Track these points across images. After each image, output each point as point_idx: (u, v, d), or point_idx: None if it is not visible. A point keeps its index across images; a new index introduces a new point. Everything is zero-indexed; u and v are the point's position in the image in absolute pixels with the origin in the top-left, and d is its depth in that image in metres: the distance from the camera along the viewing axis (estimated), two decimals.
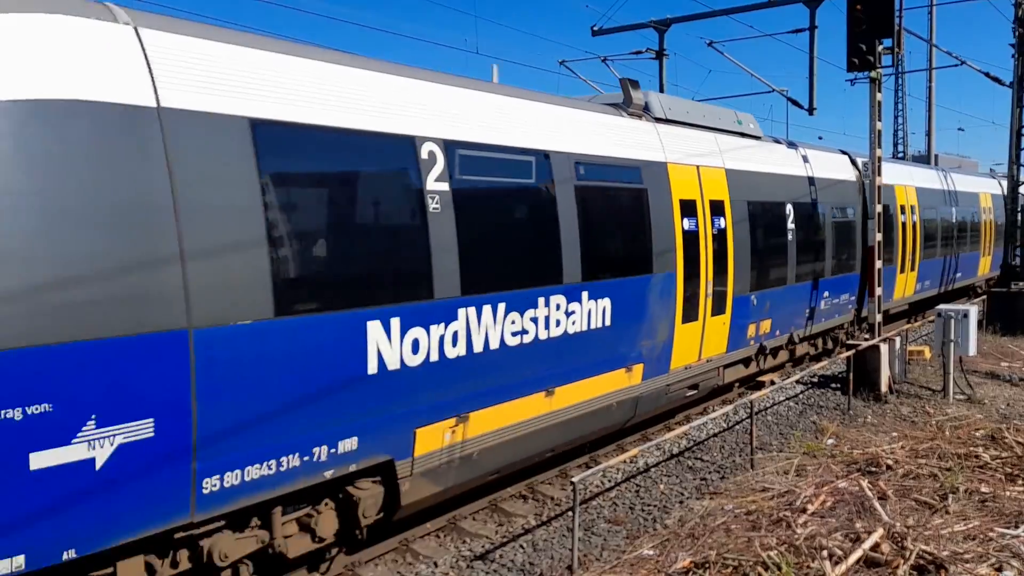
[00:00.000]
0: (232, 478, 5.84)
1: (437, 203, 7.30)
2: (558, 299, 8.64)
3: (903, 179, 19.54)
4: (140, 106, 5.38)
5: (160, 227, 5.37)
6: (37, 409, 4.80)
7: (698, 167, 11.40)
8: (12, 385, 4.69)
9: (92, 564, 5.35)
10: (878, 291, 14.35)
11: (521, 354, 8.19)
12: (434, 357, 7.21)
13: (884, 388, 13.30)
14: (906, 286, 19.63)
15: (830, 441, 10.71)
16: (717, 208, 11.64)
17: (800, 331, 14.52)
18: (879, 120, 14.08)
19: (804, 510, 7.66)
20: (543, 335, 8.46)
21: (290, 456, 6.16)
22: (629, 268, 9.87)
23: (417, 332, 7.05)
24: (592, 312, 9.15)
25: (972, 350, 13.53)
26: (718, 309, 11.61)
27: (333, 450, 6.46)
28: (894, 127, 48.78)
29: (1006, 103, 21.26)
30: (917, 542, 6.62)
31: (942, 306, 13.80)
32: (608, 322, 9.36)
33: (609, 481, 9.62)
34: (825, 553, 6.55)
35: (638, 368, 10.03)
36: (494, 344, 7.84)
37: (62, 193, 4.97)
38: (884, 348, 13.39)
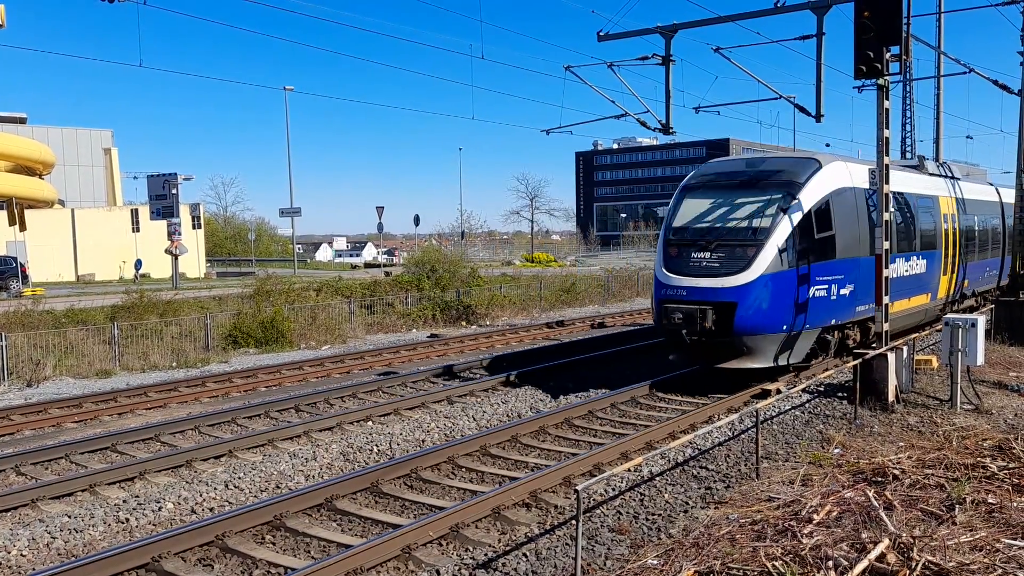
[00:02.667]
0: (859, 309, 15.54)
1: (898, 215, 17.21)
2: (915, 257, 18.36)
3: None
4: (852, 187, 15.52)
5: (858, 223, 15.39)
6: (841, 277, 14.98)
7: (943, 196, 20.79)
8: (842, 270, 14.96)
9: (827, 330, 15.20)
10: (885, 299, 14.28)
11: (906, 280, 17.82)
12: (894, 275, 15.86)
13: (891, 397, 13.22)
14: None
15: (836, 451, 10.64)
16: (952, 218, 21.11)
17: (976, 287, 23.75)
18: (887, 128, 14.03)
19: (810, 520, 7.61)
20: (910, 272, 18.10)
21: (861, 307, 15.57)
22: (929, 246, 19.21)
23: (894, 266, 16.07)
24: (920, 265, 18.71)
25: (980, 360, 13.46)
26: (950, 271, 20.88)
27: (870, 306, 15.13)
28: (902, 134, 48.77)
29: (1015, 111, 21.19)
30: (923, 552, 6.56)
31: (950, 315, 13.74)
32: (924, 271, 18.92)
33: (613, 489, 9.59)
34: (831, 563, 6.49)
35: (929, 295, 19.33)
36: (903, 273, 17.54)
37: (852, 214, 15.39)
38: (891, 357, 13.32)
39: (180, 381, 17.42)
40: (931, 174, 21.01)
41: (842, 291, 15.08)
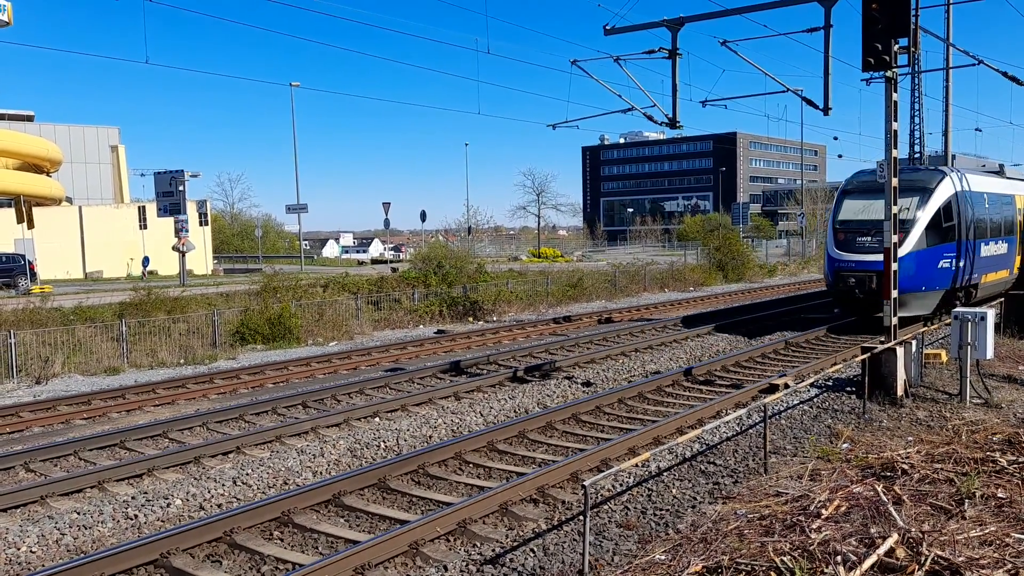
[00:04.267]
0: (967, 278, 21.86)
1: (984, 213, 22.98)
2: (1002, 242, 24.10)
3: None
4: (966, 191, 21.79)
5: (969, 217, 21.75)
6: (957, 254, 21.10)
7: (1018, 195, 26.27)
8: (957, 250, 21.17)
9: (947, 292, 21.26)
10: (894, 294, 14.21)
11: (995, 258, 23.54)
12: (985, 254, 22.78)
13: (900, 392, 13.17)
14: None
15: (845, 445, 10.61)
16: (1023, 211, 26.64)
17: None
18: (895, 120, 13.95)
19: (818, 515, 7.58)
20: (998, 252, 23.77)
21: (967, 277, 21.85)
22: (1010, 233, 24.92)
23: (983, 247, 22.57)
24: (1004, 247, 24.46)
25: (989, 353, 13.39)
26: (1021, 252, 26.33)
27: (971, 277, 22.12)
28: (910, 127, 48.42)
29: None
30: (932, 547, 6.53)
31: (959, 309, 13.67)
32: (1006, 252, 24.70)
33: (621, 485, 9.57)
34: (839, 559, 6.46)
35: (1008, 271, 25.09)
36: (993, 253, 23.38)
37: (965, 210, 21.61)
38: (900, 351, 13.26)
39: (188, 378, 17.47)
40: (1009, 178, 27.68)
41: (958, 264, 21.25)
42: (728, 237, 48.85)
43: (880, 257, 18.47)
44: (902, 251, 19.47)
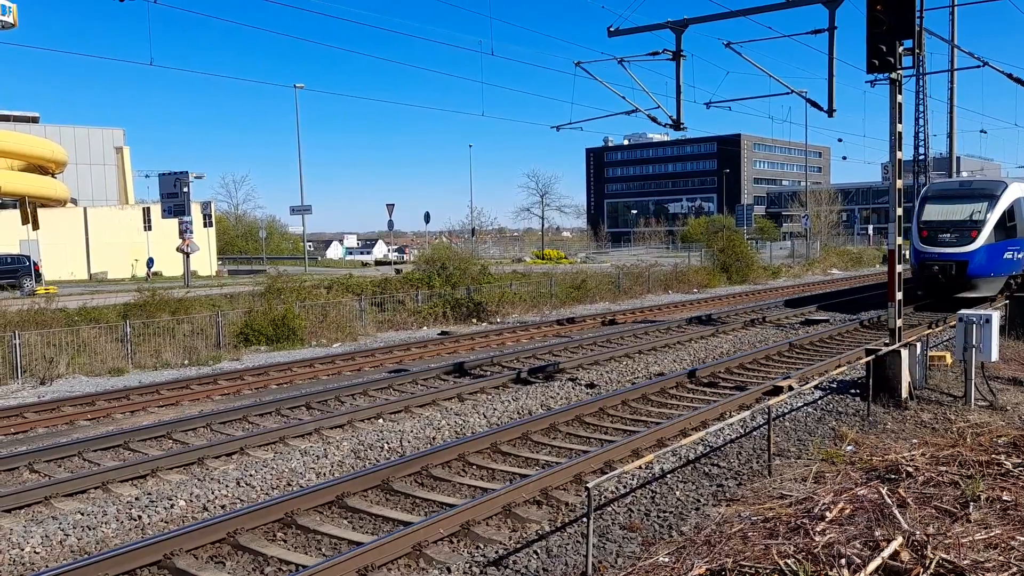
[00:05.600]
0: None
1: None
2: None
3: None
4: (1021, 197, 26.40)
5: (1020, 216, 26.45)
6: (1018, 247, 25.79)
7: None
8: (1019, 244, 25.83)
9: (1010, 278, 26.22)
10: (898, 295, 14.19)
11: None
12: None
13: (904, 394, 13.14)
14: None
15: (849, 448, 10.59)
16: None
17: None
18: (900, 122, 13.92)
19: (822, 517, 7.56)
20: None
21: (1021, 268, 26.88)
22: None
23: None
24: None
25: (994, 356, 13.36)
26: None
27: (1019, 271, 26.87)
28: (915, 129, 48.39)
29: None
30: (937, 550, 6.50)
31: (963, 311, 13.65)
32: None
33: (624, 487, 9.56)
34: (843, 561, 6.45)
35: None
36: None
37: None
38: (905, 353, 13.23)
39: (192, 379, 17.49)
40: None
41: (1019, 256, 25.59)
42: (732, 239, 48.73)
43: (959, 250, 24.73)
44: (976, 244, 24.59)
